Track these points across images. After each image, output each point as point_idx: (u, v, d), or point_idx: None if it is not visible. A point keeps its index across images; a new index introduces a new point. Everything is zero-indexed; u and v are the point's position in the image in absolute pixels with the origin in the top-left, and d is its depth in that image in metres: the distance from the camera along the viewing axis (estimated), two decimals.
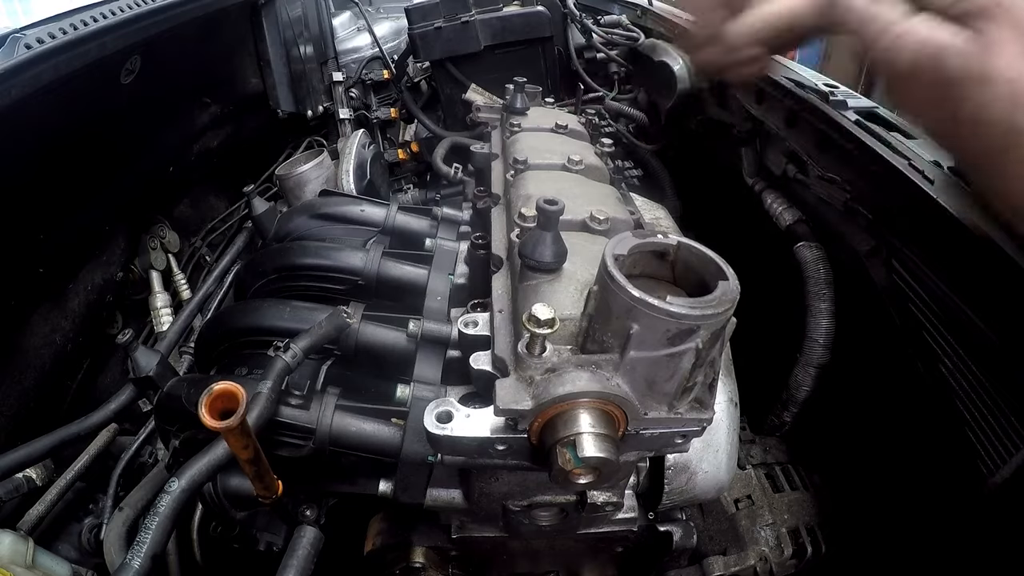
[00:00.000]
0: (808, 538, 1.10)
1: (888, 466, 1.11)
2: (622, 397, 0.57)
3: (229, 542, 0.97)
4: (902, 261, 1.04)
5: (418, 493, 0.83)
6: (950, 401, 0.94)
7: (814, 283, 1.19)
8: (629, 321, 0.54)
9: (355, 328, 0.93)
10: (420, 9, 1.91)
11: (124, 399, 1.10)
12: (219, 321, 1.08)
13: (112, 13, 1.20)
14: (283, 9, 2.09)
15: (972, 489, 0.90)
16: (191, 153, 1.84)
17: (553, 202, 0.65)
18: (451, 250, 1.11)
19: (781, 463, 1.21)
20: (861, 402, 1.18)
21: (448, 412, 0.62)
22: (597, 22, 2.03)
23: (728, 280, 0.55)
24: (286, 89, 2.16)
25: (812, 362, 1.16)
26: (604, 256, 0.55)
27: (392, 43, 2.50)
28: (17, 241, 1.18)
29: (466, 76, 1.96)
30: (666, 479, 0.89)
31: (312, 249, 1.10)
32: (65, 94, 1.11)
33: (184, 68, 1.66)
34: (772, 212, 1.35)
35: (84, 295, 1.42)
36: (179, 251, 1.83)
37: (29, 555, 0.86)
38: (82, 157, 1.32)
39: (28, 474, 1.06)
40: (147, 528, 0.66)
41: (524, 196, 0.90)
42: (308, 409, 0.81)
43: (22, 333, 1.25)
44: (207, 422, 0.58)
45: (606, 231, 0.82)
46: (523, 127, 1.22)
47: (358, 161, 1.98)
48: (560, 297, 0.67)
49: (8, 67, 0.96)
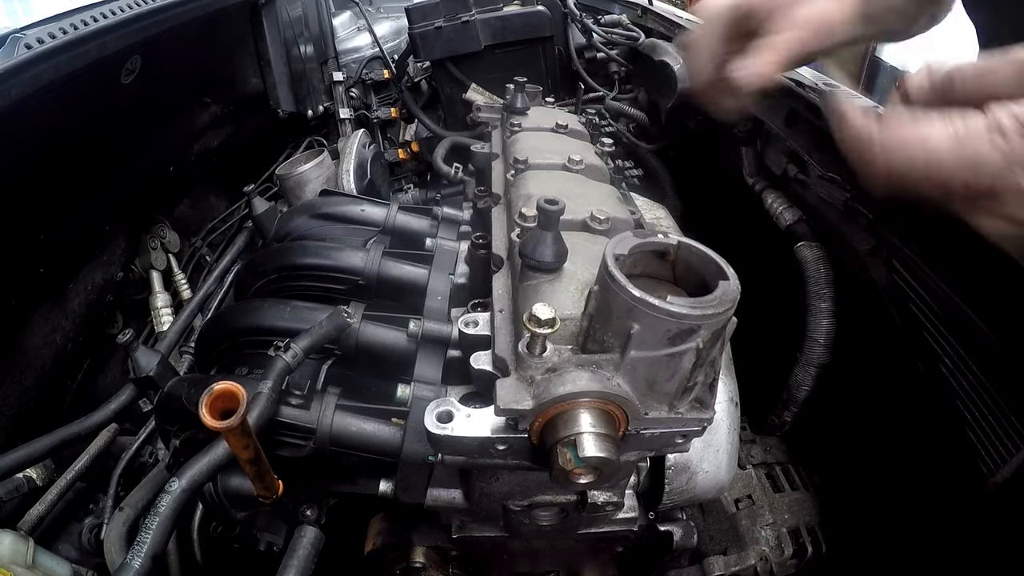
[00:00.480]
0: (808, 538, 1.10)
1: (889, 466, 1.10)
2: (623, 397, 0.57)
3: (230, 542, 0.97)
4: (902, 260, 1.03)
5: (418, 493, 0.83)
6: (950, 401, 0.94)
7: (814, 283, 1.19)
8: (630, 321, 0.54)
9: (355, 328, 0.93)
10: (420, 9, 1.91)
11: (124, 399, 1.10)
12: (219, 321, 1.08)
13: (112, 13, 1.20)
14: (283, 9, 2.09)
15: (972, 489, 0.90)
16: (191, 153, 1.84)
17: (554, 202, 0.65)
18: (452, 250, 1.11)
19: (781, 463, 1.20)
20: (862, 402, 1.18)
21: (448, 412, 0.62)
22: (597, 22, 2.03)
23: (729, 280, 0.55)
24: (286, 89, 2.16)
25: (812, 362, 1.16)
26: (605, 256, 0.55)
27: (392, 43, 2.50)
28: (17, 241, 1.18)
29: (466, 76, 1.96)
30: (667, 479, 0.89)
31: (312, 249, 1.10)
32: (65, 94, 1.11)
33: (184, 68, 1.66)
34: (772, 212, 1.35)
35: (84, 295, 1.42)
36: (179, 251, 1.83)
37: (29, 555, 0.86)
38: (82, 157, 1.32)
39: (28, 474, 1.06)
40: (147, 528, 0.66)
41: (525, 196, 0.90)
42: (308, 409, 0.81)
43: (22, 333, 1.25)
44: (207, 422, 0.58)
45: (606, 231, 0.82)
46: (523, 127, 1.22)
47: (358, 161, 1.98)
48: (561, 297, 0.67)
49: (8, 67, 0.95)
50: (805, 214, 1.30)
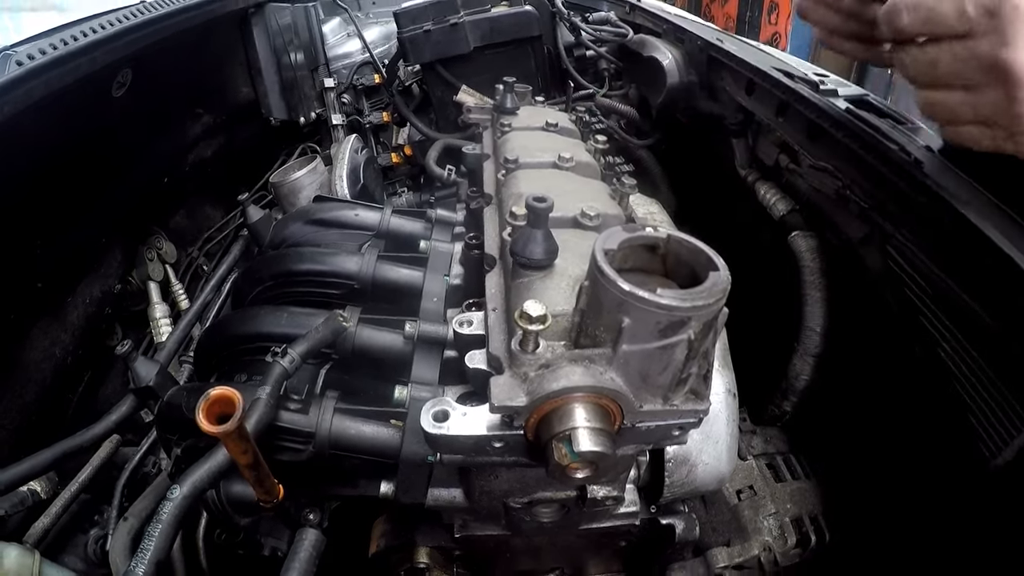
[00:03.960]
0: (811, 527, 1.10)
1: (889, 452, 1.11)
2: (616, 391, 0.57)
3: (234, 548, 0.98)
4: (896, 247, 1.04)
5: (419, 493, 0.83)
6: (949, 385, 0.94)
7: (810, 272, 1.19)
8: (620, 315, 0.54)
9: (352, 332, 0.93)
10: (409, 13, 1.91)
11: (125, 410, 1.10)
12: (217, 329, 1.09)
13: (102, 27, 1.21)
14: (272, 17, 2.10)
15: (974, 473, 0.90)
16: (185, 163, 1.84)
17: (542, 199, 0.65)
18: (446, 251, 1.12)
19: (782, 453, 1.21)
20: (861, 389, 1.18)
21: (444, 411, 0.63)
22: (586, 19, 2.04)
23: (719, 270, 0.55)
24: (278, 97, 2.17)
25: (810, 351, 1.17)
26: (594, 251, 0.55)
27: (382, 47, 2.50)
28: (15, 256, 1.19)
29: (456, 78, 1.97)
30: (667, 472, 0.89)
31: (308, 255, 1.11)
32: (57, 109, 1.11)
33: (175, 79, 1.67)
34: (765, 203, 1.36)
35: (83, 308, 1.42)
36: (176, 261, 1.83)
37: (36, 568, 0.86)
38: (77, 172, 1.32)
39: (32, 487, 1.07)
40: (150, 536, 0.67)
41: (515, 195, 0.90)
42: (307, 413, 0.82)
43: (22, 347, 1.26)
44: (205, 427, 0.58)
45: (597, 227, 0.82)
46: (514, 126, 1.22)
47: (351, 166, 1.98)
48: (552, 293, 0.67)
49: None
50: (798, 204, 1.30)
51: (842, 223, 1.17)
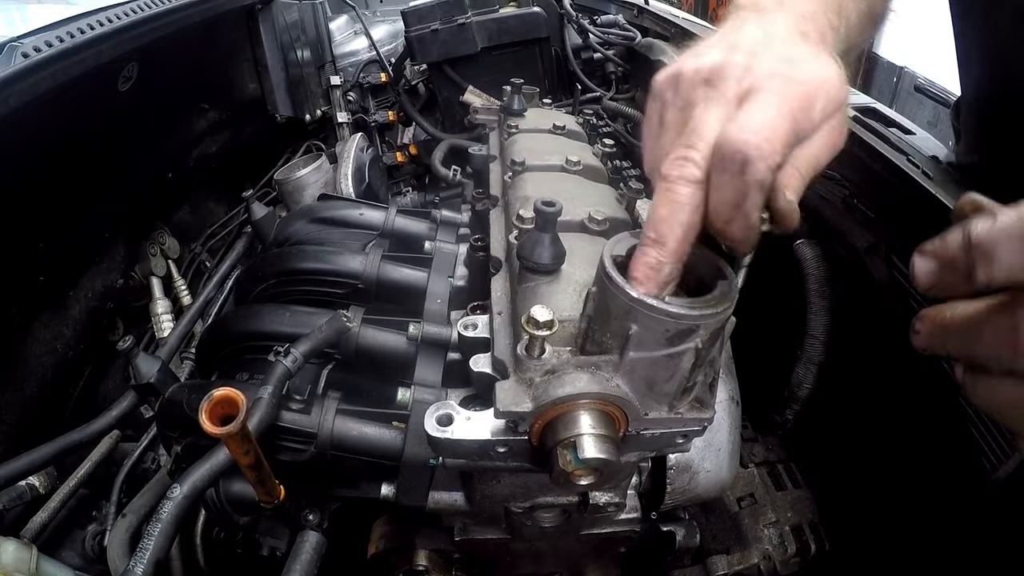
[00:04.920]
0: (811, 536, 1.10)
1: (891, 463, 1.10)
2: (622, 398, 0.57)
3: (232, 547, 0.97)
4: (902, 256, 1.03)
5: (420, 496, 0.83)
6: (952, 396, 0.94)
7: (814, 280, 1.19)
8: (628, 322, 0.54)
9: (355, 332, 0.93)
10: (416, 12, 1.91)
11: (126, 406, 1.10)
12: (220, 326, 1.08)
13: (108, 20, 1.21)
14: (280, 14, 2.09)
15: (975, 485, 0.90)
16: (190, 159, 1.84)
17: (551, 203, 0.65)
18: (450, 252, 1.12)
19: (783, 461, 1.20)
20: (863, 399, 1.18)
21: (448, 415, 0.62)
22: (593, 22, 2.03)
23: (727, 279, 0.55)
24: (284, 94, 2.16)
25: (813, 359, 1.16)
26: (602, 257, 0.55)
27: (389, 46, 2.50)
28: (17, 250, 1.18)
29: (463, 78, 1.96)
30: (668, 479, 0.89)
31: (311, 253, 1.11)
32: (63, 102, 1.11)
33: (182, 74, 1.67)
34: None
35: (85, 302, 1.42)
36: (179, 257, 1.83)
37: (33, 562, 0.86)
38: (81, 165, 1.32)
39: (31, 482, 1.06)
40: (150, 535, 0.66)
41: (522, 198, 0.89)
42: (309, 414, 0.82)
43: (24, 341, 1.25)
44: (208, 428, 0.58)
45: (605, 232, 0.81)
46: (521, 128, 1.21)
47: (356, 165, 1.98)
48: (559, 299, 0.67)
49: (5, 76, 0.96)
50: (804, 211, 1.30)
51: (848, 232, 1.16)
